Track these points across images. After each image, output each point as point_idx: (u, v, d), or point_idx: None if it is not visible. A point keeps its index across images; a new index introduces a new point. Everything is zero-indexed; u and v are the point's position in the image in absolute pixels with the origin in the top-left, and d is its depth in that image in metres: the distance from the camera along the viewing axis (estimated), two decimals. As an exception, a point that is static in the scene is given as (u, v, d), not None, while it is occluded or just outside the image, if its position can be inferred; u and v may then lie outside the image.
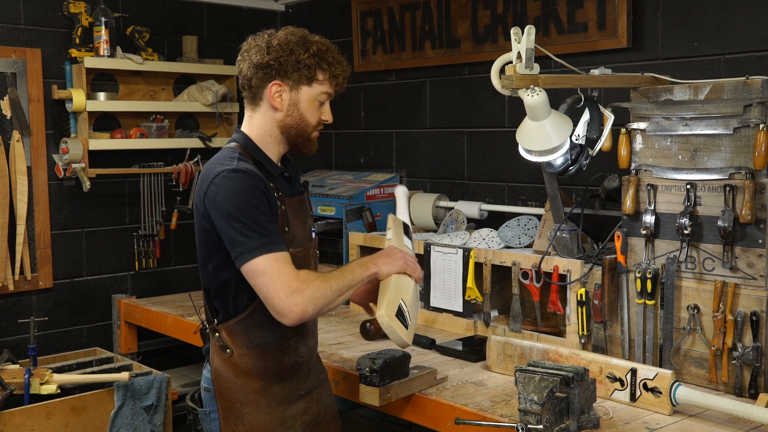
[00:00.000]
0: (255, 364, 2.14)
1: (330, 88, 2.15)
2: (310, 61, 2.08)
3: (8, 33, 3.72)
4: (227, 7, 4.43)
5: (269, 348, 2.14)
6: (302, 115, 2.13)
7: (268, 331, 2.12)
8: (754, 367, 2.30)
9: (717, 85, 2.41)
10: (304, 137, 2.16)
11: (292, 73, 2.09)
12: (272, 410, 2.16)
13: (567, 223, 2.82)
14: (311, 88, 2.12)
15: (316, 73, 2.11)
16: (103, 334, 4.06)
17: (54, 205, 3.88)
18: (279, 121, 2.13)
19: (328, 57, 2.12)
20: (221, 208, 1.97)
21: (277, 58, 2.08)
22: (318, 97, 2.14)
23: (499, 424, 2.10)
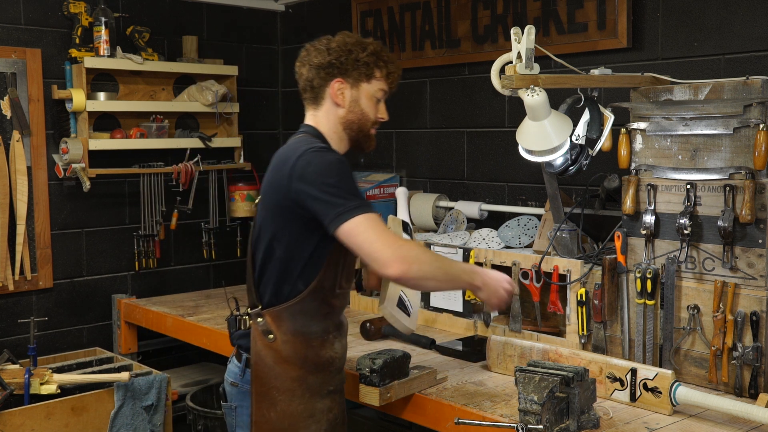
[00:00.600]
0: (296, 352, 2.19)
1: (386, 85, 2.28)
2: (369, 59, 2.22)
3: (8, 33, 3.72)
4: (227, 7, 4.43)
5: (311, 338, 2.20)
6: (363, 111, 2.26)
7: (314, 321, 2.20)
8: (754, 367, 2.30)
9: (717, 85, 2.41)
10: (365, 133, 2.29)
11: (352, 71, 2.22)
12: (305, 401, 2.21)
13: (567, 223, 2.82)
14: (370, 85, 2.25)
15: (374, 71, 2.24)
16: (103, 334, 4.06)
17: (54, 205, 3.88)
18: (341, 118, 2.25)
19: (383, 56, 2.26)
20: (315, 179, 2.05)
21: (338, 58, 2.21)
22: (376, 94, 2.27)
23: (499, 424, 2.10)
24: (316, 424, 2.23)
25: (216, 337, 3.28)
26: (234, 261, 4.48)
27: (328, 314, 2.23)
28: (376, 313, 3.38)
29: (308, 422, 2.21)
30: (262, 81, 4.60)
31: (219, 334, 3.26)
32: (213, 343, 3.31)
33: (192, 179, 4.12)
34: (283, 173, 2.11)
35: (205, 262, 4.39)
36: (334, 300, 2.24)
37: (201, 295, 4.05)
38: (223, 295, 4.03)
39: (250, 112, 4.51)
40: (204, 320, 3.46)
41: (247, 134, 4.45)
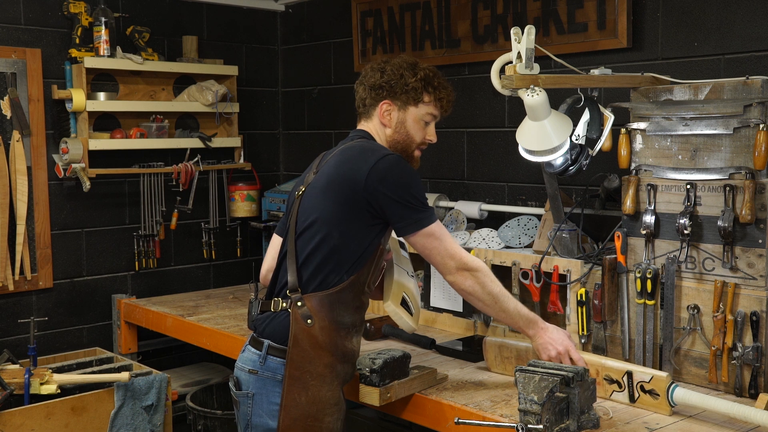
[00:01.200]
0: (330, 340, 2.26)
1: (435, 110, 2.39)
2: (418, 84, 2.33)
3: (8, 33, 3.72)
4: (227, 7, 4.43)
5: (341, 328, 2.28)
6: (408, 133, 2.38)
7: (349, 311, 2.29)
8: (754, 367, 2.30)
9: (717, 85, 2.41)
10: (408, 153, 2.40)
11: (401, 95, 2.34)
12: (333, 388, 2.29)
13: (567, 223, 2.83)
14: (418, 109, 2.36)
15: (423, 96, 2.35)
16: (103, 334, 4.06)
17: (54, 205, 3.88)
18: (388, 137, 2.38)
19: (434, 82, 2.36)
20: (397, 184, 2.22)
21: (389, 81, 2.34)
22: (423, 118, 2.38)
23: (499, 424, 2.10)
24: (338, 412, 2.31)
25: (216, 337, 3.28)
26: (234, 261, 4.48)
27: (358, 308, 2.33)
28: (376, 313, 3.38)
29: (333, 409, 2.29)
30: (262, 81, 4.60)
31: (219, 334, 3.26)
32: (213, 343, 3.31)
33: (192, 179, 4.12)
34: (360, 170, 2.22)
35: (205, 262, 4.39)
36: (363, 296, 2.33)
37: (201, 295, 4.05)
38: (224, 295, 4.03)
39: (250, 112, 4.51)
40: (204, 320, 3.46)
41: (247, 134, 4.46)
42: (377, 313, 3.37)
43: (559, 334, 2.35)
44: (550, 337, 2.34)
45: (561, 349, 2.32)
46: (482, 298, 2.30)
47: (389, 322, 3.04)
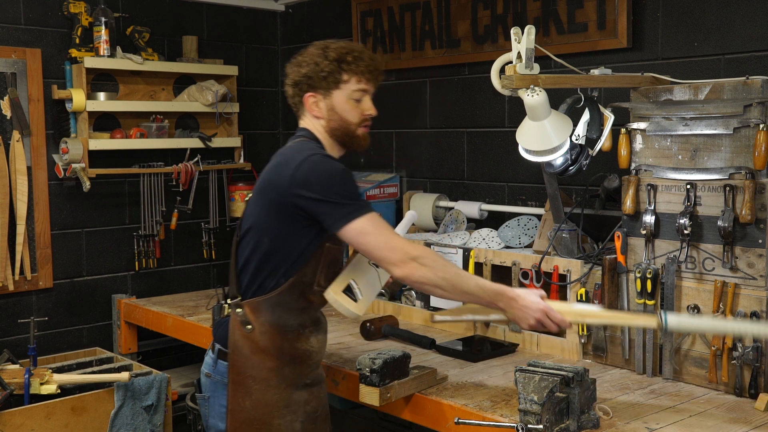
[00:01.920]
0: (273, 344, 2.24)
1: (361, 84, 2.27)
2: (332, 66, 2.23)
3: (8, 33, 3.72)
4: (227, 7, 4.43)
5: (287, 331, 2.25)
6: (341, 117, 2.28)
7: (292, 314, 2.25)
8: (754, 367, 2.30)
9: (717, 85, 2.41)
10: (349, 134, 2.30)
11: (320, 82, 2.25)
12: (280, 391, 2.25)
13: (567, 223, 2.82)
14: (342, 90, 2.26)
15: (341, 76, 2.24)
16: (103, 334, 4.06)
17: (54, 205, 3.88)
18: (324, 127, 2.30)
19: (347, 58, 2.24)
20: (318, 184, 2.14)
21: (306, 73, 2.26)
22: (352, 96, 2.26)
23: (499, 424, 2.10)
24: (291, 415, 2.27)
25: (216, 337, 3.28)
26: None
27: (305, 309, 2.27)
28: (375, 313, 3.38)
29: (283, 412, 2.26)
30: (262, 81, 4.60)
31: (219, 334, 3.26)
32: (213, 343, 3.31)
33: (192, 179, 4.12)
34: (284, 175, 2.16)
35: (205, 262, 4.39)
36: (312, 296, 2.27)
37: (201, 295, 4.05)
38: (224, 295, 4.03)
39: (250, 112, 4.51)
40: (204, 320, 3.46)
41: (247, 134, 4.46)
42: (377, 312, 3.37)
43: (531, 298, 2.17)
44: (523, 305, 2.16)
45: (538, 315, 2.15)
46: (438, 284, 2.13)
47: (389, 322, 3.04)
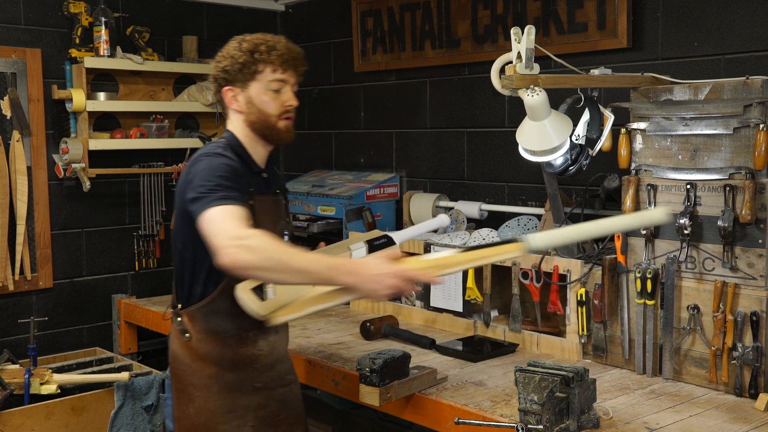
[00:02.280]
0: (211, 351, 2.22)
1: (278, 74, 2.21)
2: (245, 58, 2.19)
3: (8, 33, 3.72)
4: (227, 7, 4.43)
5: (226, 337, 2.22)
6: (260, 109, 2.22)
7: (227, 320, 2.20)
8: (754, 367, 2.30)
9: (717, 85, 2.41)
10: (269, 127, 2.23)
11: (237, 75, 2.21)
12: (222, 397, 2.23)
13: (567, 223, 2.82)
14: (259, 82, 2.21)
15: (257, 67, 2.20)
16: (103, 334, 4.06)
17: (54, 205, 3.88)
18: (245, 121, 2.24)
19: (261, 48, 2.20)
20: (193, 180, 2.07)
21: (223, 68, 2.23)
22: (270, 87, 2.21)
23: (499, 424, 2.10)
24: (238, 420, 2.25)
25: (216, 337, 3.28)
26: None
27: (241, 313, 2.15)
28: (375, 313, 3.38)
29: (228, 417, 2.23)
30: (262, 81, 4.60)
31: (219, 334, 3.26)
32: (213, 343, 3.31)
33: (192, 179, 4.11)
34: (180, 181, 2.18)
35: (205, 262, 4.38)
36: None
37: (201, 295, 4.04)
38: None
39: (250, 112, 4.51)
40: (204, 320, 3.45)
41: (247, 134, 4.45)
42: (377, 312, 3.37)
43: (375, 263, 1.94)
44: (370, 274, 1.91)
45: (392, 280, 1.90)
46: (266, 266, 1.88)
47: (389, 322, 3.04)
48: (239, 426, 2.24)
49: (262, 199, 2.22)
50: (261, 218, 2.18)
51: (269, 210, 2.25)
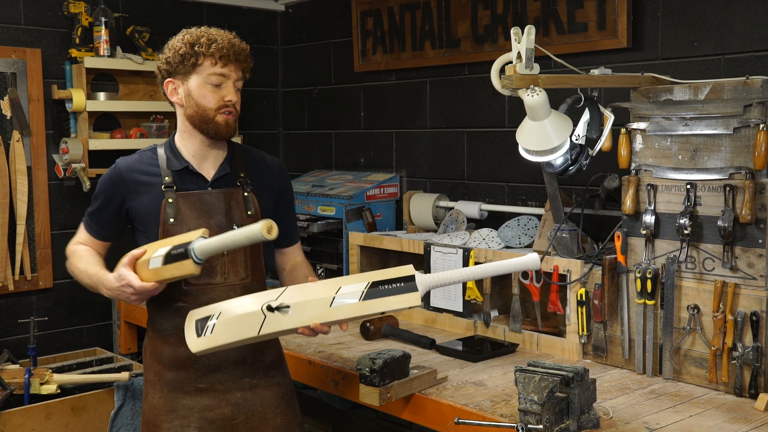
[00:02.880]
0: (155, 348, 2.28)
1: (218, 68, 2.19)
2: (186, 49, 2.18)
3: (8, 33, 3.72)
4: (227, 7, 4.43)
5: (166, 335, 2.25)
6: (197, 102, 2.20)
7: (164, 319, 2.25)
8: (754, 367, 2.30)
9: (717, 85, 2.41)
10: (207, 121, 2.22)
11: (178, 67, 2.20)
12: (164, 395, 2.26)
13: (567, 223, 2.82)
14: (199, 75, 2.19)
15: (197, 59, 2.18)
16: (103, 334, 4.06)
17: (54, 205, 3.88)
18: (185, 116, 2.25)
19: (202, 40, 2.18)
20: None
21: (166, 60, 2.22)
22: (209, 81, 2.19)
23: (499, 424, 2.10)
24: (181, 420, 2.23)
25: (216, 337, 3.28)
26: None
27: (178, 311, 2.19)
28: (376, 313, 3.38)
29: (170, 416, 2.24)
30: (262, 81, 4.60)
31: (219, 334, 3.26)
32: (213, 343, 3.31)
33: (192, 179, 4.12)
34: None
35: (205, 262, 4.38)
36: (184, 297, 2.20)
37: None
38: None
39: (250, 112, 4.51)
40: (204, 320, 3.45)
41: (246, 134, 4.45)
42: (377, 313, 3.37)
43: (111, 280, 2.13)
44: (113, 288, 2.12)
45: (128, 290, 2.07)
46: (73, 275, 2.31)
47: (389, 322, 3.04)
48: (182, 426, 2.22)
49: (185, 195, 2.22)
50: (184, 213, 2.21)
51: (195, 205, 2.22)
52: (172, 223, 2.19)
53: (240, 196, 2.27)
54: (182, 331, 2.13)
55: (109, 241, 2.38)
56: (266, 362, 2.32)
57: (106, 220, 2.33)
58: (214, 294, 2.19)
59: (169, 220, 2.20)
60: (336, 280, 2.05)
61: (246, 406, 2.27)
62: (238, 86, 2.23)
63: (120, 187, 2.27)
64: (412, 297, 1.98)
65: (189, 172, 2.26)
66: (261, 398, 2.30)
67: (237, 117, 2.27)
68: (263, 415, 2.29)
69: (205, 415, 2.23)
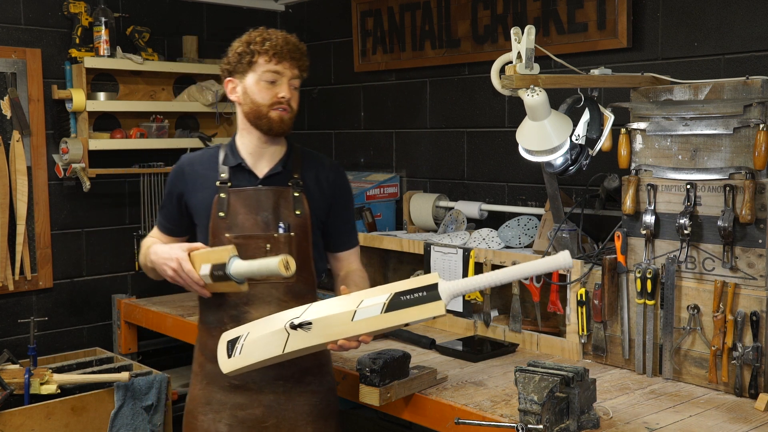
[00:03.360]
0: (201, 340, 2.36)
1: (272, 65, 2.25)
2: (243, 48, 2.26)
3: (8, 33, 3.72)
4: (227, 7, 4.43)
5: (211, 328, 2.31)
6: (252, 99, 2.26)
7: (209, 311, 2.32)
8: (754, 367, 2.30)
9: (717, 85, 2.41)
10: (261, 116, 2.27)
11: (236, 65, 2.28)
12: (203, 387, 2.32)
13: (567, 223, 2.82)
14: (255, 73, 2.26)
15: (253, 58, 2.25)
16: (103, 334, 4.06)
17: (54, 205, 3.88)
18: (243, 113, 2.31)
19: (257, 39, 2.26)
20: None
21: (227, 60, 2.31)
22: (263, 78, 2.25)
23: (499, 424, 2.10)
24: (214, 414, 2.28)
25: (216, 337, 3.28)
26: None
27: (221, 305, 2.28)
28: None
29: (205, 409, 2.30)
30: (262, 81, 4.59)
31: (219, 334, 3.26)
32: (213, 343, 3.31)
33: (192, 179, 4.12)
34: None
35: (205, 262, 4.38)
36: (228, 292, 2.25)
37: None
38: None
39: (250, 112, 4.51)
40: (204, 320, 3.46)
41: (247, 134, 4.45)
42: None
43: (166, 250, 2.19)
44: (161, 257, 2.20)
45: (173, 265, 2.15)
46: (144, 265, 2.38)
47: (389, 322, 3.04)
48: (214, 420, 2.27)
49: (238, 191, 2.28)
50: (234, 208, 2.27)
51: (245, 201, 2.28)
52: (222, 217, 2.26)
53: (290, 196, 2.30)
54: (225, 324, 2.24)
55: (175, 235, 2.40)
56: (302, 367, 2.29)
57: (170, 213, 2.39)
58: (256, 290, 2.24)
59: (218, 214, 2.26)
60: (359, 293, 2.04)
61: (278, 409, 2.28)
62: (294, 84, 2.29)
63: (180, 181, 2.36)
64: (435, 306, 1.92)
65: (242, 168, 2.32)
66: (294, 404, 2.30)
67: (293, 114, 2.30)
68: (294, 422, 2.29)
69: (236, 413, 2.27)
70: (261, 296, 2.24)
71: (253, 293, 2.23)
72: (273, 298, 2.25)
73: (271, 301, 2.25)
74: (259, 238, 2.24)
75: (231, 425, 2.26)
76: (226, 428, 2.26)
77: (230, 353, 2.08)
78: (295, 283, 2.26)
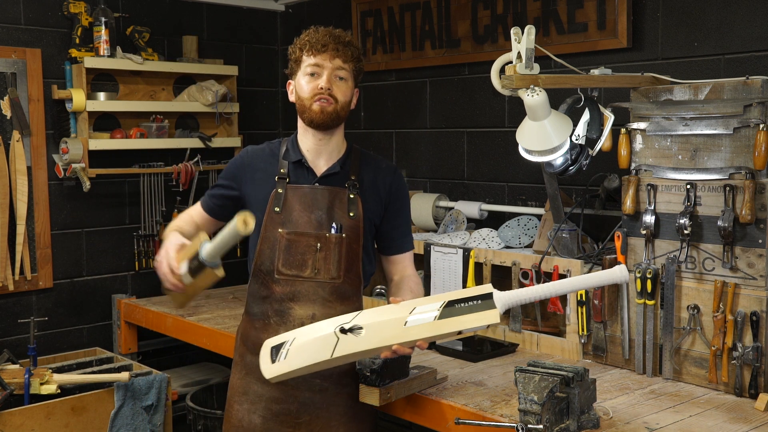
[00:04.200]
0: (245, 331, 2.39)
1: (312, 58, 2.28)
2: (292, 49, 2.34)
3: (8, 33, 3.72)
4: (227, 7, 4.43)
5: (254, 320, 2.35)
6: (298, 95, 2.32)
7: (255, 302, 2.36)
8: (754, 367, 2.30)
9: (717, 85, 2.41)
10: (304, 110, 2.31)
11: (291, 68, 2.35)
12: (241, 377, 2.37)
13: (567, 223, 2.83)
14: (301, 69, 2.31)
15: (298, 54, 2.31)
16: (103, 334, 4.06)
17: (54, 205, 3.88)
18: (297, 112, 2.35)
19: (301, 37, 2.32)
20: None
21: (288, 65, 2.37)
22: (305, 71, 2.29)
23: (499, 424, 2.10)
24: (249, 405, 2.32)
25: (216, 337, 3.28)
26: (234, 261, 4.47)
27: (266, 298, 2.32)
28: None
29: (242, 399, 2.34)
30: (262, 81, 4.60)
31: (219, 334, 3.26)
32: (213, 343, 3.31)
33: (192, 179, 4.12)
34: None
35: (205, 262, 4.38)
36: (274, 285, 2.30)
37: (201, 295, 4.04)
38: (224, 295, 4.03)
39: (250, 112, 4.51)
40: (204, 320, 3.46)
41: (247, 134, 4.45)
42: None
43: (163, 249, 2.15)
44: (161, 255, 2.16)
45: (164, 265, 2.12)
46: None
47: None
48: (249, 411, 2.31)
49: (294, 187, 2.31)
50: (290, 204, 2.30)
51: (301, 198, 2.31)
52: (277, 212, 2.30)
53: (345, 197, 2.32)
54: (269, 317, 2.30)
55: (215, 216, 2.42)
56: (340, 369, 2.30)
57: (220, 195, 2.41)
58: (302, 287, 2.28)
59: (274, 209, 2.30)
60: (411, 302, 2.03)
61: (312, 407, 2.30)
62: (339, 75, 2.28)
63: (241, 171, 2.38)
64: (490, 314, 1.91)
65: (302, 165, 2.34)
66: (329, 403, 2.31)
67: (337, 106, 2.29)
68: (327, 421, 2.31)
69: (271, 406, 2.30)
70: (306, 294, 2.28)
71: (299, 290, 2.28)
72: (318, 296, 2.28)
73: (315, 300, 2.28)
74: (310, 236, 2.28)
75: (265, 417, 2.30)
76: (260, 420, 2.30)
77: (274, 358, 2.04)
78: (341, 284, 2.29)
